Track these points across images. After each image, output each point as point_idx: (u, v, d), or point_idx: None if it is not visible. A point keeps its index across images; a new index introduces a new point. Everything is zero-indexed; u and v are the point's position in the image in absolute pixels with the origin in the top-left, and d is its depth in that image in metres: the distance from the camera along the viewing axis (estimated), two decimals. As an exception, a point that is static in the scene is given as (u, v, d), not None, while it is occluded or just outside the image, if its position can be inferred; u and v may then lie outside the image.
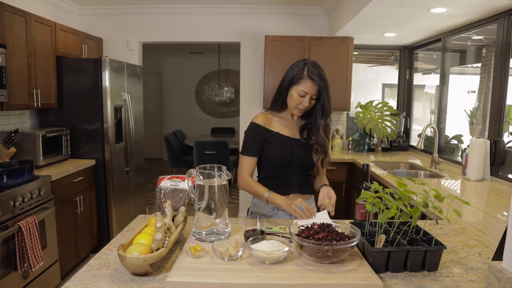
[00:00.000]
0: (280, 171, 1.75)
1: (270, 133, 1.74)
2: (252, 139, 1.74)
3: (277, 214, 1.77)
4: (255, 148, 1.73)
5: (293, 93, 1.68)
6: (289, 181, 1.76)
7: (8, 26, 2.73)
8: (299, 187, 1.77)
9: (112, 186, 3.49)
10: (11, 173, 2.45)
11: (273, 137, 1.73)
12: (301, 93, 1.65)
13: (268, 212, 1.78)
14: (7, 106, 2.74)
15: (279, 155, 1.73)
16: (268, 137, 1.73)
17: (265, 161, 1.77)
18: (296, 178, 1.77)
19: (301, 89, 1.65)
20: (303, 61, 1.69)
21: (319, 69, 1.66)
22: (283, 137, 1.74)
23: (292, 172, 1.75)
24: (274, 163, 1.75)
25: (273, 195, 1.66)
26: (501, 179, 2.63)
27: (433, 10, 2.76)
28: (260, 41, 4.27)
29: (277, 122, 1.78)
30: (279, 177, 1.76)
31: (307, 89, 1.64)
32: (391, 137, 4.12)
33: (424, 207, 1.22)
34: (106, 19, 4.34)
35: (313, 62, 1.68)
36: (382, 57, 4.92)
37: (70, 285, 1.09)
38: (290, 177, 1.76)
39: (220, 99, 7.61)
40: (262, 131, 1.74)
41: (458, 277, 1.16)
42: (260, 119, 1.76)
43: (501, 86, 2.68)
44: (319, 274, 1.12)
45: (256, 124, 1.75)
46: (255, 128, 1.74)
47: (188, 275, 1.10)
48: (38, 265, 2.41)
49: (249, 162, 1.73)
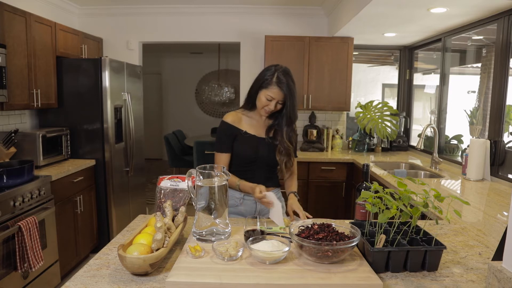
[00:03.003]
0: (247, 167, 1.87)
1: (238, 131, 1.85)
2: (223, 136, 1.86)
3: (244, 203, 1.89)
4: (226, 145, 1.85)
5: (261, 96, 1.77)
6: (255, 176, 1.87)
7: (8, 26, 2.73)
8: (264, 181, 1.87)
9: (112, 186, 3.49)
10: (11, 173, 2.45)
11: (241, 135, 1.85)
12: (268, 97, 1.75)
13: (235, 202, 1.89)
14: (7, 106, 2.74)
15: (244, 153, 1.85)
16: (236, 135, 1.85)
17: (234, 157, 1.89)
18: (261, 173, 1.88)
19: (268, 94, 1.74)
20: (274, 67, 1.77)
21: (287, 78, 1.74)
22: (249, 136, 1.86)
23: (258, 168, 1.88)
24: (241, 159, 1.87)
25: (243, 183, 1.81)
26: (501, 179, 2.63)
27: (433, 10, 2.76)
28: (260, 41, 4.27)
29: (246, 121, 1.89)
30: (246, 171, 1.87)
31: (274, 94, 1.74)
32: (391, 137, 4.12)
33: (424, 207, 1.22)
34: (106, 19, 4.34)
35: (283, 69, 1.76)
36: (382, 57, 4.92)
37: (70, 285, 1.09)
38: (255, 172, 1.87)
39: (220, 99, 7.61)
40: (231, 129, 1.84)
41: (458, 277, 1.16)
42: (230, 117, 1.87)
43: (501, 86, 2.68)
44: (319, 274, 1.12)
45: (225, 122, 1.87)
46: (225, 127, 1.86)
47: (188, 275, 1.10)
48: (38, 265, 2.41)
49: (222, 158, 1.86)
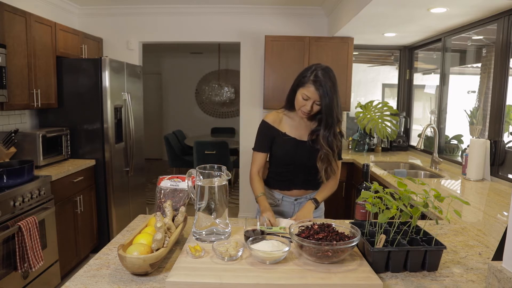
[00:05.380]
0: (285, 168, 1.84)
1: (277, 132, 1.80)
2: (261, 136, 1.84)
3: (283, 204, 1.89)
4: (263, 144, 1.82)
5: (298, 95, 1.69)
6: (293, 178, 1.84)
7: (8, 26, 2.73)
8: (304, 184, 1.85)
9: (112, 186, 3.49)
10: (11, 173, 2.45)
11: (279, 137, 1.80)
12: (304, 97, 1.65)
13: (274, 202, 1.89)
14: (7, 106, 2.73)
15: (281, 155, 1.81)
16: (275, 136, 1.80)
17: (272, 158, 1.87)
18: (300, 176, 1.84)
19: (304, 93, 1.65)
20: (315, 65, 1.67)
21: (326, 77, 1.61)
22: (288, 138, 1.79)
23: (297, 170, 1.82)
24: (278, 162, 1.85)
25: (261, 198, 1.76)
26: (501, 179, 2.63)
27: (433, 10, 2.76)
28: (260, 41, 4.27)
29: (287, 122, 1.82)
30: (284, 173, 1.85)
31: (310, 93, 1.63)
32: (391, 137, 4.12)
33: (424, 207, 1.22)
34: (106, 19, 4.34)
35: (323, 68, 1.64)
36: (382, 57, 4.91)
37: (70, 285, 1.09)
38: (294, 175, 1.83)
39: (220, 99, 7.61)
40: (270, 130, 1.81)
41: (458, 277, 1.16)
42: (270, 117, 1.83)
43: (501, 86, 2.68)
44: (319, 274, 1.12)
45: (265, 122, 1.83)
46: (264, 126, 1.83)
47: (188, 275, 1.10)
48: (38, 265, 2.41)
49: (258, 157, 1.84)
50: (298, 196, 1.89)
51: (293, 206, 1.89)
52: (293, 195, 1.88)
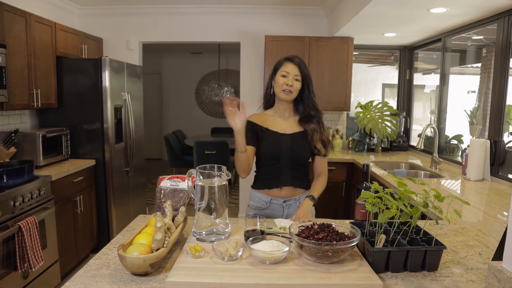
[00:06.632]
0: (272, 165, 1.85)
1: (260, 128, 1.86)
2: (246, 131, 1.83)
3: (271, 207, 1.89)
4: (249, 138, 1.82)
5: (277, 78, 1.82)
6: (281, 174, 1.85)
7: (8, 26, 2.73)
8: (292, 180, 1.86)
9: (112, 186, 3.49)
10: (11, 173, 2.45)
11: (262, 132, 1.85)
12: (283, 74, 1.79)
13: (262, 205, 1.90)
14: (7, 106, 2.74)
15: (266, 150, 1.84)
16: (258, 131, 1.85)
17: (258, 155, 1.89)
18: (288, 171, 1.85)
19: (283, 70, 1.80)
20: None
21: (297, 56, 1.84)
22: (271, 132, 1.85)
23: (283, 166, 1.85)
24: (264, 157, 1.87)
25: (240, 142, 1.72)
26: (501, 179, 2.63)
27: (433, 10, 2.76)
28: (260, 41, 4.27)
29: (268, 119, 1.90)
30: (271, 170, 1.86)
31: (288, 68, 1.79)
32: (391, 137, 4.12)
33: (424, 207, 1.22)
34: (106, 19, 4.34)
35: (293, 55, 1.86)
36: (382, 57, 4.92)
37: (70, 285, 1.09)
38: (281, 170, 1.85)
39: (220, 99, 7.61)
40: (254, 126, 1.86)
41: (458, 277, 1.16)
42: (253, 117, 1.91)
43: (501, 86, 2.68)
44: (319, 274, 1.12)
45: (248, 120, 1.87)
46: (248, 123, 1.85)
47: (188, 275, 1.10)
48: (38, 265, 2.41)
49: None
50: (286, 198, 1.87)
51: (282, 208, 1.88)
52: (282, 197, 1.87)
